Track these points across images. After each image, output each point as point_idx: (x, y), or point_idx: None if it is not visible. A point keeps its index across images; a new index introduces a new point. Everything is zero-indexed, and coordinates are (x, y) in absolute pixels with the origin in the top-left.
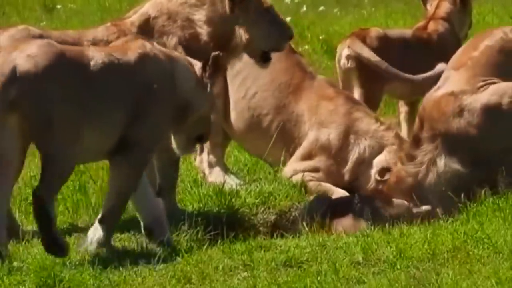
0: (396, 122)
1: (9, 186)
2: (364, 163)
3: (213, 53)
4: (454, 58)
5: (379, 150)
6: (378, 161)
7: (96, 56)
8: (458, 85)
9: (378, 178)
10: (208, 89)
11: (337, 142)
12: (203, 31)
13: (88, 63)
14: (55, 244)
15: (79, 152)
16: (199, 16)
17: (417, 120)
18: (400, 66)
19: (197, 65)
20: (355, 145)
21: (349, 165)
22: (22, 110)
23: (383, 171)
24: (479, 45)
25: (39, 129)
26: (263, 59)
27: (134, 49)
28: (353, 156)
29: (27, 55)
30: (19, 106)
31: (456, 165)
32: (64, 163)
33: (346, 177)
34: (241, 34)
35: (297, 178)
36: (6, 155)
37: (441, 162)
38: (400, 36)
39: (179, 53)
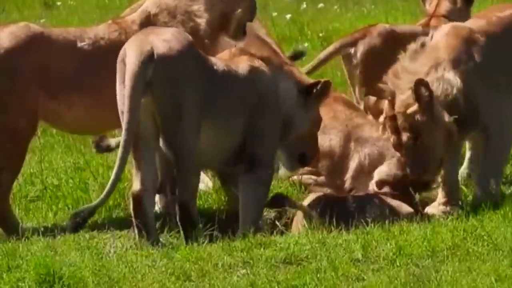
0: None
1: (150, 169)
2: (364, 170)
3: (325, 80)
4: (478, 13)
5: (380, 158)
6: (379, 173)
7: (217, 61)
8: (475, 25)
9: (376, 190)
10: (313, 110)
11: (338, 149)
12: (202, 21)
13: (212, 64)
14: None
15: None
16: (197, 6)
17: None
18: None
19: (305, 83)
20: (355, 152)
21: (349, 173)
22: (155, 92)
23: (381, 183)
24: (506, 10)
25: (169, 115)
26: (243, 32)
27: (244, 63)
28: (353, 163)
29: (163, 39)
30: (152, 88)
31: (453, 80)
32: (190, 157)
33: (347, 184)
34: (236, 11)
35: (294, 178)
36: (144, 136)
37: (441, 70)
38: (407, 32)
39: (289, 70)
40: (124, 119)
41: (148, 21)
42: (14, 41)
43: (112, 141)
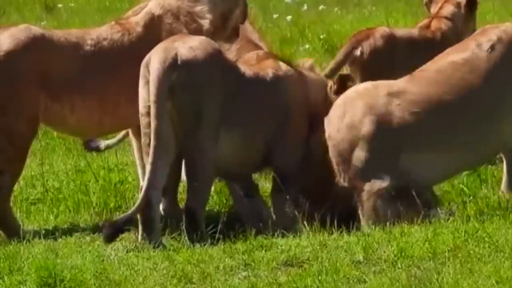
0: None
1: (165, 171)
2: None
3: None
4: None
5: None
6: None
7: (246, 69)
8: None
9: None
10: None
11: None
12: (205, 22)
13: (239, 72)
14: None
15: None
16: (200, 7)
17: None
18: (406, 65)
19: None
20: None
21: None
22: (176, 98)
23: None
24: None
25: (187, 121)
26: (237, 34)
27: (271, 67)
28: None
29: (189, 47)
30: (174, 93)
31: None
32: (205, 165)
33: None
34: (236, 12)
35: None
36: (165, 140)
37: None
38: (406, 35)
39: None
40: (151, 125)
41: (152, 23)
42: (14, 43)
43: (103, 143)
